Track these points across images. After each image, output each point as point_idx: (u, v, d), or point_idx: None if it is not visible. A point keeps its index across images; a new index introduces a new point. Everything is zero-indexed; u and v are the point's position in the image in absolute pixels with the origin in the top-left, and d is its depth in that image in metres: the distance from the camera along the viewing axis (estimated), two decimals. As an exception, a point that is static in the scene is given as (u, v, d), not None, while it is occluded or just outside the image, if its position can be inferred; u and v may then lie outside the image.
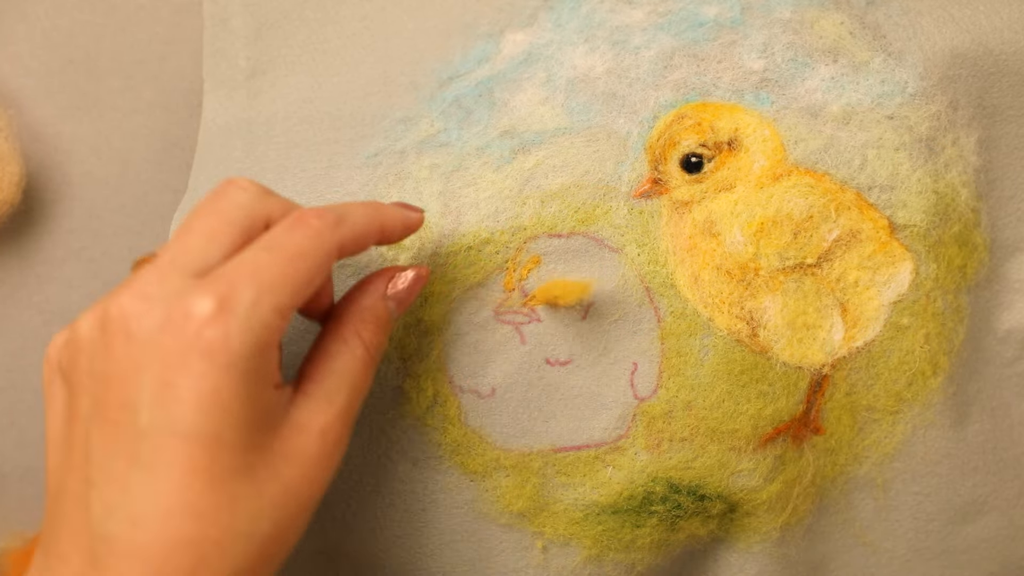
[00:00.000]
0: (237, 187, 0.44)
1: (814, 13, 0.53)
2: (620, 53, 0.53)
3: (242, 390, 0.40)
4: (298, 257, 0.42)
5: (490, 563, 0.53)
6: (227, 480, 0.40)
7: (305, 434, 0.43)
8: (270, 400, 0.42)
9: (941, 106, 0.52)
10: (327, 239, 0.44)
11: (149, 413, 0.40)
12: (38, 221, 0.62)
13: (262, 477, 0.41)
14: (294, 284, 0.42)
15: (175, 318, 0.40)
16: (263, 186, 0.45)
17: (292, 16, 0.59)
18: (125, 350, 0.40)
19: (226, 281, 0.41)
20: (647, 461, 0.51)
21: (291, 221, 0.43)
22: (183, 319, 0.40)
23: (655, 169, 0.51)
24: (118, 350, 0.41)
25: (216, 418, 0.40)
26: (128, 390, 0.40)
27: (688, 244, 0.50)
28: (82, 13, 0.63)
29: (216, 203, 0.44)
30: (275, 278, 0.41)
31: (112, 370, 0.41)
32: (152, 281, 0.41)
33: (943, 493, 0.55)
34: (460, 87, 0.54)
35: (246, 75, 0.58)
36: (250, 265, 0.41)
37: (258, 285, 0.41)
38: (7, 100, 0.62)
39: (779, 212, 0.50)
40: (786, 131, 0.51)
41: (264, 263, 0.42)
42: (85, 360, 0.42)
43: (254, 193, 0.44)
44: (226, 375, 0.40)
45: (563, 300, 0.50)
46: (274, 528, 0.41)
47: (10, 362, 0.62)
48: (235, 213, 0.43)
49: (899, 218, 0.51)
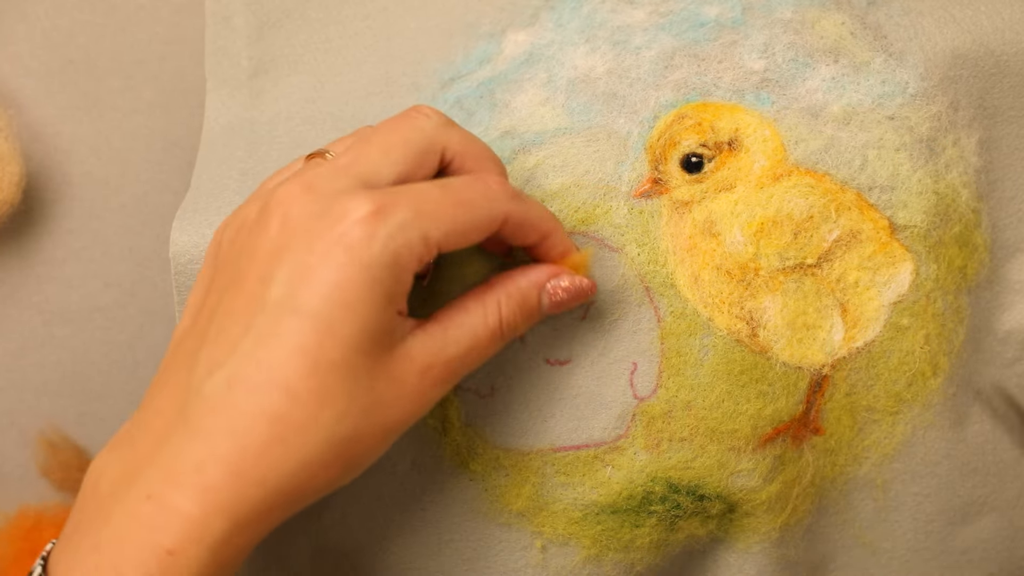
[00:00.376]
0: (421, 113, 0.46)
1: (815, 13, 0.53)
2: (621, 53, 0.53)
3: (368, 294, 0.41)
4: (465, 204, 0.44)
5: (489, 562, 0.53)
6: (327, 371, 0.41)
7: (410, 364, 0.44)
8: (391, 320, 0.43)
9: (942, 107, 0.52)
10: (499, 205, 0.45)
11: (279, 289, 0.42)
12: (38, 221, 0.62)
13: (360, 384, 0.42)
14: (451, 224, 0.43)
15: (333, 212, 0.42)
16: (447, 117, 0.47)
17: (294, 15, 0.59)
18: (279, 230, 0.42)
19: (390, 196, 0.42)
20: (646, 461, 0.51)
21: (474, 177, 0.45)
22: (340, 214, 0.42)
23: (655, 169, 0.51)
24: (273, 229, 0.43)
25: (337, 309, 0.41)
26: (269, 266, 0.42)
27: (688, 244, 0.50)
28: (82, 13, 0.63)
29: (399, 123, 0.45)
30: (435, 212, 0.43)
31: (261, 246, 0.43)
32: (323, 176, 0.43)
33: (943, 494, 0.55)
34: (462, 88, 0.55)
35: (248, 74, 0.58)
36: (417, 193, 0.43)
37: (416, 210, 0.42)
38: (7, 100, 0.62)
39: (779, 212, 0.50)
40: (787, 131, 0.51)
41: (430, 196, 0.43)
42: (242, 236, 0.44)
43: (436, 121, 0.46)
44: (358, 274, 0.41)
45: None
46: (354, 434, 0.42)
47: (10, 362, 0.62)
48: (414, 135, 0.45)
49: (899, 219, 0.51)
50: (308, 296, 0.41)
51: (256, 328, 0.42)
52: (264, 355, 0.41)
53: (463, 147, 0.46)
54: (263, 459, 0.41)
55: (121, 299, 0.62)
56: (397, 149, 0.44)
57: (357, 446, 0.43)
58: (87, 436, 0.61)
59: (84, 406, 0.62)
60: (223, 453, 0.41)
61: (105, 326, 0.62)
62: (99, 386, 0.62)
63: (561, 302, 0.48)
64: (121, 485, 0.42)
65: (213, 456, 0.41)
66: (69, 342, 0.62)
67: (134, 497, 0.42)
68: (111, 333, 0.62)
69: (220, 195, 0.54)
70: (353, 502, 0.53)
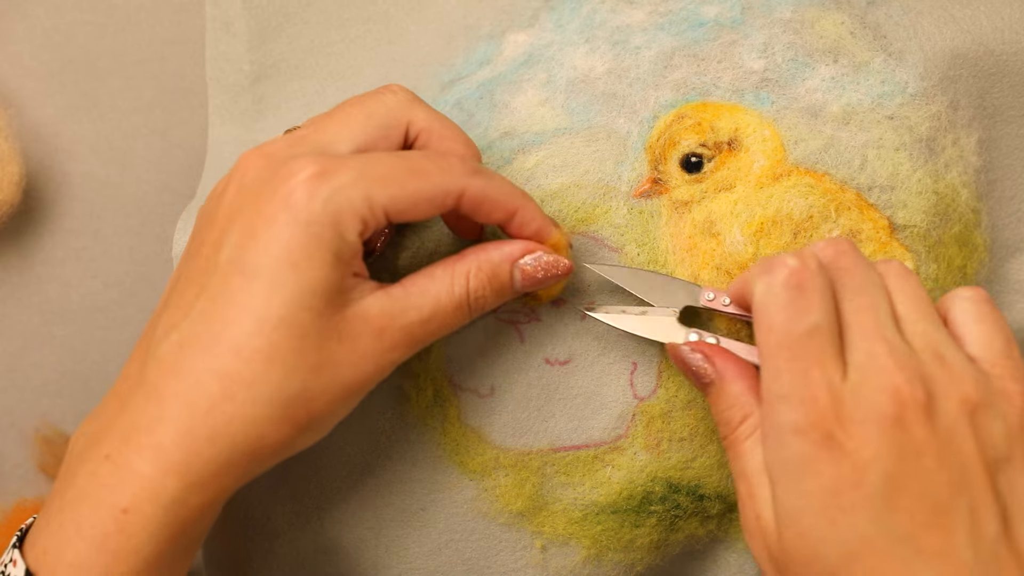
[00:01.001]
0: (389, 90, 0.46)
1: (814, 13, 0.53)
2: (620, 53, 0.53)
3: (314, 253, 0.42)
4: (417, 173, 0.44)
5: (489, 562, 0.53)
6: (274, 329, 0.41)
7: (365, 324, 0.44)
8: (341, 280, 0.43)
9: (941, 106, 0.52)
10: (453, 178, 0.44)
11: (229, 251, 0.42)
12: (38, 221, 0.62)
13: (308, 341, 0.42)
14: (399, 190, 0.43)
15: (280, 175, 0.42)
16: (414, 95, 0.47)
17: (295, 19, 0.59)
18: (234, 195, 0.44)
19: (337, 160, 0.43)
20: (646, 461, 0.51)
21: (433, 151, 0.45)
22: (285, 175, 0.42)
23: (655, 169, 0.51)
24: (229, 195, 0.44)
25: (282, 267, 0.41)
26: (223, 230, 0.43)
27: (688, 244, 0.50)
28: (82, 13, 0.63)
29: (365, 98, 0.46)
30: (383, 176, 0.43)
31: (219, 212, 0.44)
32: (280, 144, 0.44)
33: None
34: (462, 90, 0.55)
35: (250, 80, 0.58)
36: (367, 158, 0.43)
37: (361, 173, 0.43)
38: (7, 100, 0.62)
39: (779, 212, 0.50)
40: (786, 131, 0.51)
41: (381, 162, 0.43)
42: (208, 205, 0.45)
43: (402, 98, 0.46)
44: (301, 231, 0.42)
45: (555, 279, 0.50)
46: (303, 392, 0.42)
47: (10, 362, 0.62)
48: (377, 109, 0.45)
49: (899, 218, 0.51)
50: (254, 256, 0.42)
51: (208, 290, 0.42)
52: (213, 315, 0.42)
53: (428, 123, 0.46)
54: (212, 416, 0.41)
55: (121, 299, 0.62)
56: (357, 121, 0.45)
57: (309, 405, 0.43)
58: (87, 436, 0.61)
59: (84, 406, 0.62)
60: (174, 412, 0.41)
61: (105, 326, 0.62)
62: (99, 386, 0.62)
63: (535, 279, 0.47)
64: (87, 448, 0.43)
65: (165, 416, 0.42)
66: (69, 342, 0.62)
67: (94, 457, 0.42)
68: (111, 333, 0.62)
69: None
70: (353, 502, 0.53)
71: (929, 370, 0.42)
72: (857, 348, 0.41)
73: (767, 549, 0.43)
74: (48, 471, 0.61)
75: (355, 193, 0.42)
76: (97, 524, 0.41)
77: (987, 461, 0.41)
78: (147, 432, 0.42)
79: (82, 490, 0.42)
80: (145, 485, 0.41)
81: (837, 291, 0.42)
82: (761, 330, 0.41)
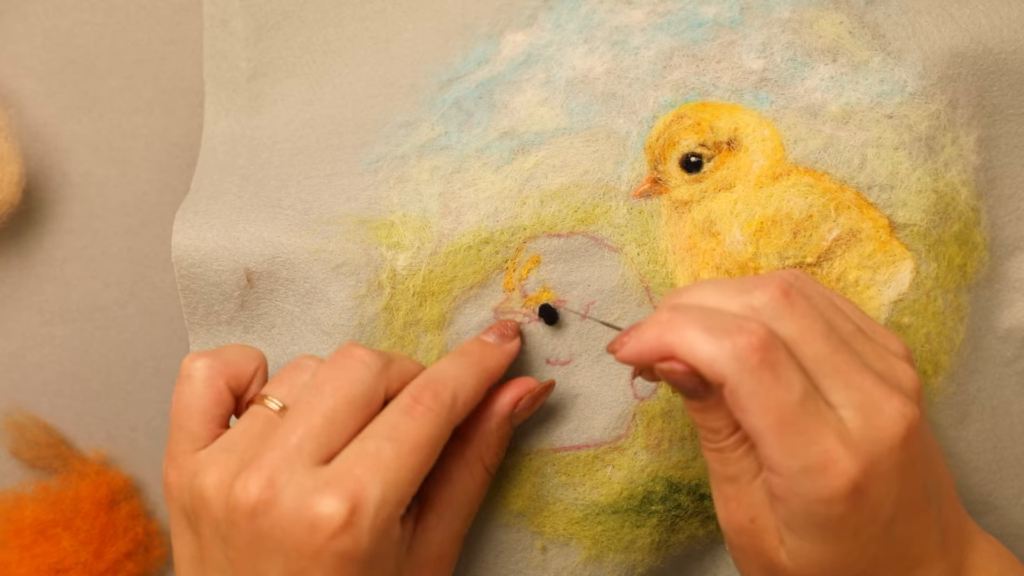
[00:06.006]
0: (359, 362, 0.46)
1: (813, 12, 0.53)
2: (619, 53, 0.53)
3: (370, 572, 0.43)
4: (418, 448, 0.44)
5: (489, 563, 0.53)
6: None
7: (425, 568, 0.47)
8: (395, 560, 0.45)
9: (940, 105, 0.52)
10: (444, 421, 0.46)
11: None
12: (38, 221, 0.62)
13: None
14: (415, 474, 0.44)
15: (305, 517, 0.42)
16: (383, 356, 0.47)
17: (292, 17, 0.59)
18: (251, 528, 0.43)
19: (352, 479, 0.43)
20: (647, 460, 0.51)
21: (409, 404, 0.45)
22: (313, 519, 0.42)
23: (655, 169, 0.51)
24: (244, 526, 0.43)
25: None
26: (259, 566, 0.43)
27: (688, 244, 0.50)
28: (82, 13, 0.63)
29: (338, 379, 0.45)
30: (398, 473, 0.44)
31: (240, 542, 0.43)
32: (279, 467, 0.43)
33: (943, 492, 0.55)
34: (460, 89, 0.54)
35: (247, 77, 0.58)
36: (373, 459, 0.43)
37: (383, 483, 0.43)
38: (7, 100, 0.62)
39: (779, 211, 0.50)
40: (785, 130, 0.51)
41: (387, 457, 0.44)
42: (210, 520, 0.44)
43: (376, 370, 0.46)
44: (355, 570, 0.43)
45: None
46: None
47: (10, 362, 0.62)
48: (357, 390, 0.45)
49: (899, 217, 0.51)
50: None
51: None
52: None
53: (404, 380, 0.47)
54: None
55: (121, 299, 0.62)
56: (345, 413, 0.45)
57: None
58: (87, 436, 0.61)
59: (84, 406, 0.62)
60: None
61: (105, 326, 0.62)
62: (99, 386, 0.62)
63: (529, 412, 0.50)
64: None
65: None
66: (69, 342, 0.62)
67: None
68: (111, 333, 0.62)
69: (220, 198, 0.54)
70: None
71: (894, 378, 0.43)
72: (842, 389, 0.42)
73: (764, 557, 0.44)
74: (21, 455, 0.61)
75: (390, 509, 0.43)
76: None
77: None
78: None
79: None
80: None
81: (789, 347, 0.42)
82: (754, 414, 0.41)
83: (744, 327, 0.41)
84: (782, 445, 0.41)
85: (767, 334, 0.41)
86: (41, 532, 0.59)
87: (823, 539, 0.42)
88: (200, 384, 0.47)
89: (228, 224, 0.52)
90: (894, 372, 0.43)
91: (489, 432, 0.49)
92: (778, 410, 0.40)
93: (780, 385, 0.40)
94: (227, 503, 0.44)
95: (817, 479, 0.40)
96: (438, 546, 0.47)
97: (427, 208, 0.51)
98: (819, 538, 0.42)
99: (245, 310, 0.53)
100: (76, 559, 0.58)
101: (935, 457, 0.45)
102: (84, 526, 0.59)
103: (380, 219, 0.52)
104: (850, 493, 0.40)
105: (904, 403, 0.41)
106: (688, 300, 0.43)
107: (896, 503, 0.41)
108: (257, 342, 0.53)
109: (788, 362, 0.41)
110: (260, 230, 0.52)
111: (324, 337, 0.52)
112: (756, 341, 0.40)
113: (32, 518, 0.59)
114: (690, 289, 0.44)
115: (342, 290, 0.51)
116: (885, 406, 0.41)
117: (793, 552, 0.43)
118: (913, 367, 0.44)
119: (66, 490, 0.60)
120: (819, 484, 0.40)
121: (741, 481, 0.44)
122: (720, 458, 0.44)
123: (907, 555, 0.43)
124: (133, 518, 0.60)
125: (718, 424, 0.44)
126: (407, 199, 0.52)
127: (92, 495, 0.59)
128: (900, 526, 0.42)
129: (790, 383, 0.40)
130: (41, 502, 0.59)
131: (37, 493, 0.60)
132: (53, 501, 0.59)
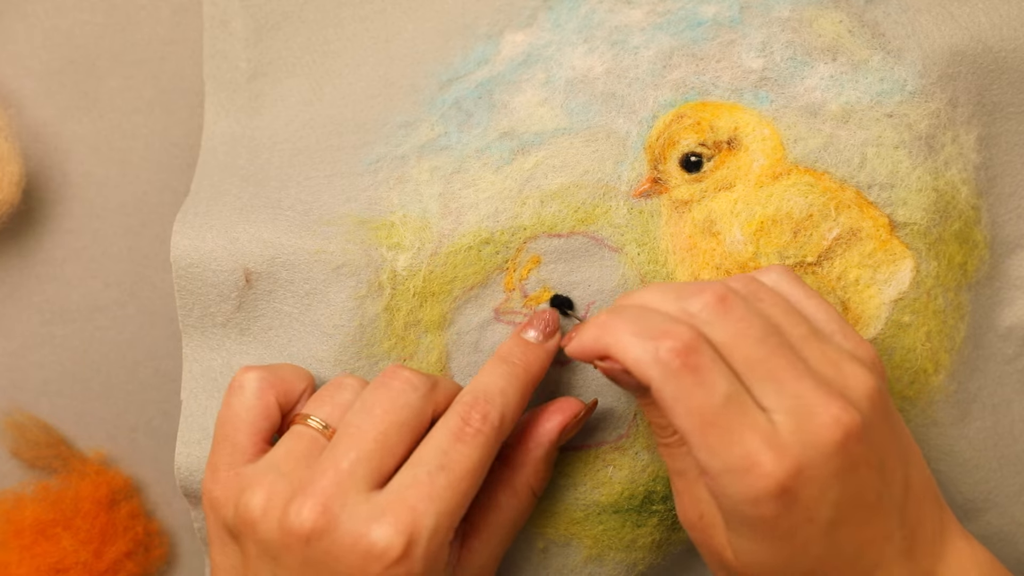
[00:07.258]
0: (407, 383, 0.46)
1: (813, 11, 0.53)
2: (619, 53, 0.53)
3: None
4: (469, 473, 0.45)
5: (491, 563, 0.53)
6: None
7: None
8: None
9: (940, 104, 0.52)
10: (493, 443, 0.46)
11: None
12: (38, 221, 0.62)
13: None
14: (466, 500, 0.45)
15: (361, 546, 0.43)
16: (430, 378, 0.47)
17: (292, 18, 0.58)
18: (305, 553, 0.43)
19: (407, 509, 0.43)
20: (648, 460, 0.51)
21: (459, 426, 0.45)
22: (369, 548, 0.43)
23: (655, 168, 0.51)
24: (297, 551, 0.43)
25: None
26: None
27: (688, 243, 0.50)
28: (82, 13, 0.63)
29: (387, 402, 0.46)
30: (450, 503, 0.44)
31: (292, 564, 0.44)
32: (334, 494, 0.44)
33: (945, 491, 0.55)
34: (460, 89, 0.54)
35: (247, 77, 0.58)
36: (427, 487, 0.44)
37: (437, 513, 0.43)
38: (7, 100, 0.62)
39: (779, 211, 0.50)
40: (785, 130, 0.51)
41: (440, 485, 0.44)
42: (257, 540, 0.44)
43: (424, 391, 0.46)
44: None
45: None
46: None
47: (10, 362, 0.62)
48: (406, 413, 0.46)
49: (899, 216, 0.51)
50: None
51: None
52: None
53: (449, 400, 0.47)
54: None
55: (121, 299, 0.62)
56: (395, 437, 0.45)
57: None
58: (87, 436, 0.61)
59: (84, 406, 0.62)
60: None
61: (105, 326, 0.62)
62: (99, 386, 0.62)
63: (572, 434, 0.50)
64: None
65: None
66: (69, 342, 0.62)
67: None
68: (111, 333, 0.62)
69: (220, 199, 0.54)
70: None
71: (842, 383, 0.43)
72: (774, 393, 0.42)
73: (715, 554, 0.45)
74: (21, 455, 0.61)
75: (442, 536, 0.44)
76: None
77: None
78: None
79: None
80: None
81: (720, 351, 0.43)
82: (678, 416, 0.41)
83: (670, 331, 0.41)
84: (706, 446, 0.41)
85: (692, 338, 0.41)
86: (41, 532, 0.59)
87: (758, 538, 0.42)
88: (251, 396, 0.47)
89: (228, 225, 0.52)
90: (843, 377, 0.43)
91: (538, 460, 0.49)
92: (700, 412, 0.41)
93: (703, 388, 0.41)
94: (280, 526, 0.44)
95: (741, 480, 0.41)
96: (480, 569, 0.48)
97: (427, 208, 0.51)
98: (754, 537, 0.42)
99: (242, 312, 0.53)
100: (76, 559, 0.58)
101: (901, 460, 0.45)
102: (84, 526, 0.59)
103: (380, 220, 0.52)
104: (777, 494, 0.41)
105: (843, 409, 0.41)
106: (631, 302, 0.44)
107: (835, 507, 0.42)
108: (254, 344, 0.53)
109: (713, 365, 0.41)
110: (260, 231, 0.52)
111: (324, 338, 0.52)
112: (679, 345, 0.41)
113: (32, 518, 0.59)
114: (637, 292, 0.45)
115: (342, 291, 0.51)
116: (820, 411, 0.41)
117: (736, 549, 0.43)
118: (876, 373, 0.44)
119: (66, 490, 0.60)
120: (744, 485, 0.41)
121: (688, 477, 0.45)
122: (669, 453, 0.46)
123: (860, 560, 0.43)
124: (133, 518, 0.60)
125: (663, 420, 0.45)
126: (407, 199, 0.52)
127: (92, 495, 0.59)
128: (846, 530, 0.42)
129: (713, 386, 0.41)
130: (41, 502, 0.59)
131: (37, 493, 0.60)
132: (53, 501, 0.59)
